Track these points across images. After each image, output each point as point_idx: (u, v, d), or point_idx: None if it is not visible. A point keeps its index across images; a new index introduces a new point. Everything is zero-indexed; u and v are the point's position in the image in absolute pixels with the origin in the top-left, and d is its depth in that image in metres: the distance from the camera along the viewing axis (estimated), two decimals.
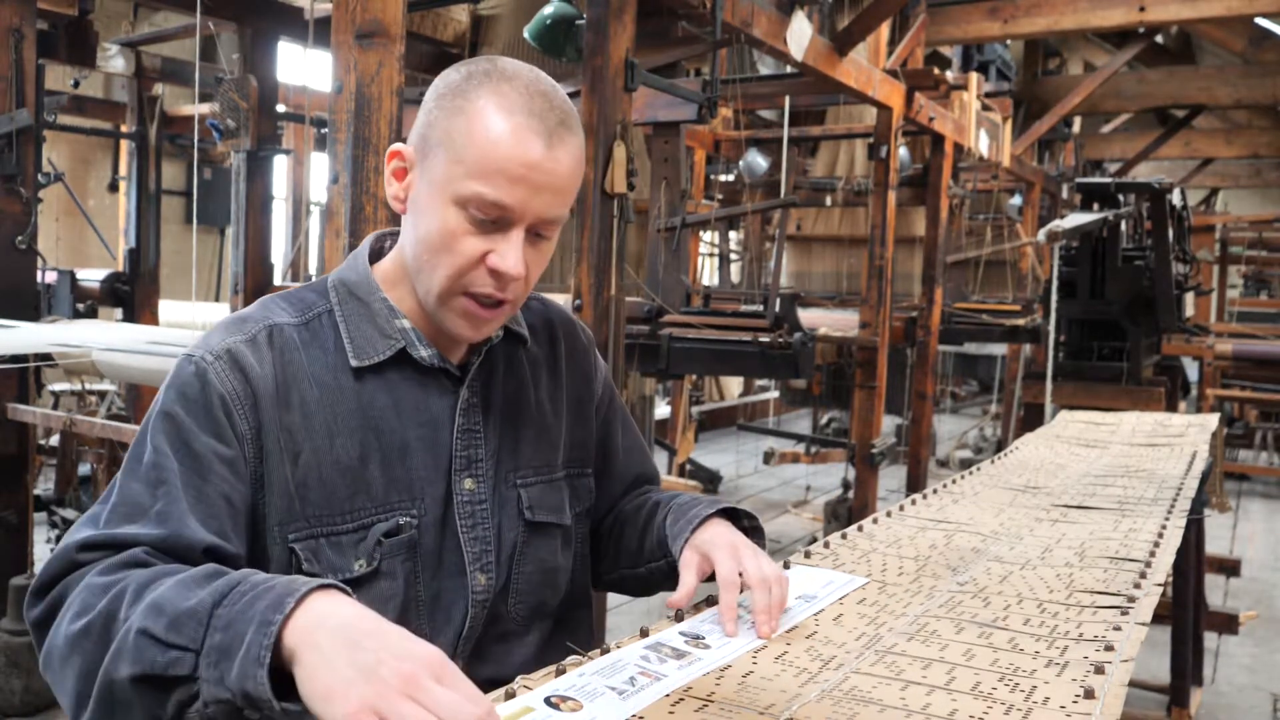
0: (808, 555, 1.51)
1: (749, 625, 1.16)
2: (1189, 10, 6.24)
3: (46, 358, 3.52)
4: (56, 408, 5.37)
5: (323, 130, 5.01)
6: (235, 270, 3.93)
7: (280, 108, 4.30)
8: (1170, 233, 4.70)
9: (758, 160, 6.02)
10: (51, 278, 4.61)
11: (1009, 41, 8.24)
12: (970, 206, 7.51)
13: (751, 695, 0.98)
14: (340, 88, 2.15)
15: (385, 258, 1.20)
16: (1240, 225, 10.87)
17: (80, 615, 0.92)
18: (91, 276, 4.88)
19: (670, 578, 1.26)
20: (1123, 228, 4.84)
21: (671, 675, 1.02)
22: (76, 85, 5.32)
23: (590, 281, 2.80)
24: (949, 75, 5.68)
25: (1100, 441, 2.81)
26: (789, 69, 4.50)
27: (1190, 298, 7.35)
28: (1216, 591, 5.00)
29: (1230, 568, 4.90)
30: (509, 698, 0.93)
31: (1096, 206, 4.77)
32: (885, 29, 5.59)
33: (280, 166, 5.97)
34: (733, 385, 11.01)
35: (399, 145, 1.13)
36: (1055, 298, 4.30)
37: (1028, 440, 2.83)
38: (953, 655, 1.11)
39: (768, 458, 6.68)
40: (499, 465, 1.20)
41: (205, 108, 4.56)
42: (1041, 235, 4.05)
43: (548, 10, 2.91)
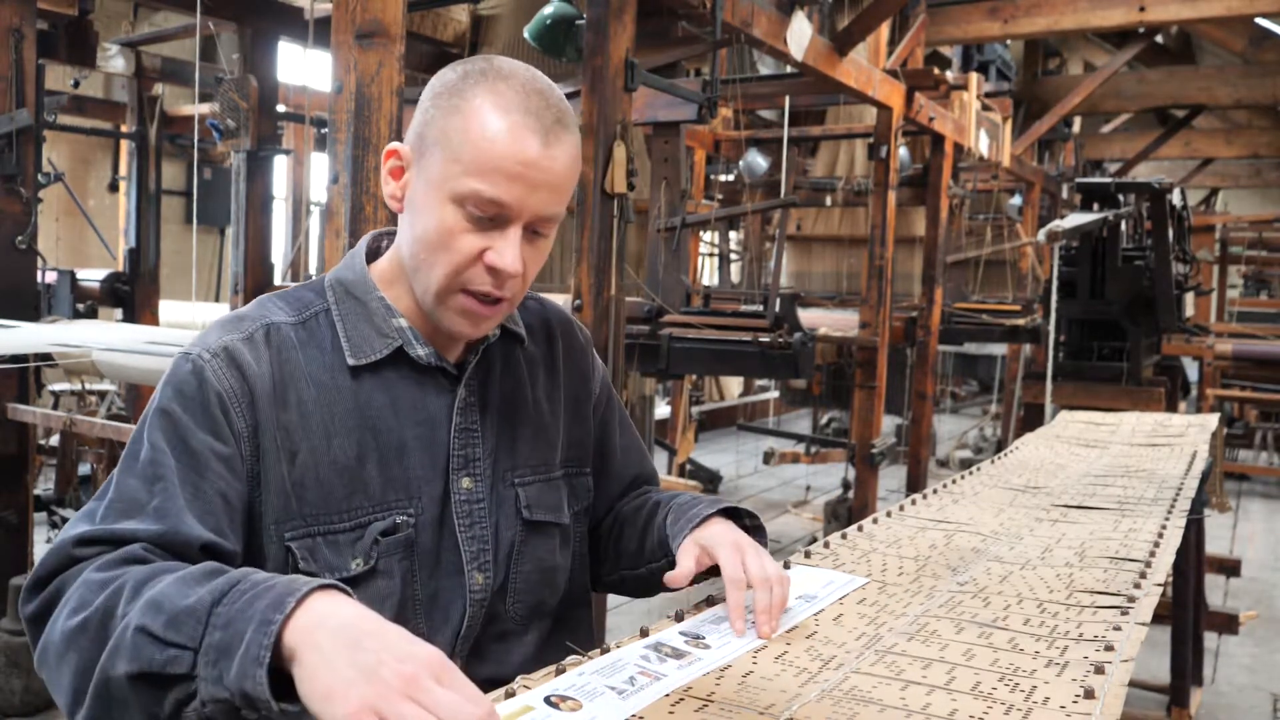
0: (808, 555, 1.51)
1: (749, 625, 1.15)
2: (1189, 10, 6.24)
3: (46, 358, 3.52)
4: (56, 408, 5.37)
5: (323, 130, 5.01)
6: (235, 270, 3.94)
7: (280, 108, 4.31)
8: (1170, 233, 4.70)
9: (758, 160, 6.02)
10: (51, 278, 4.61)
11: (1009, 41, 8.24)
12: (970, 206, 7.51)
13: (751, 695, 0.98)
14: (340, 88, 2.15)
15: (382, 257, 1.20)
16: (1240, 225, 10.87)
17: (77, 611, 0.91)
18: (91, 276, 4.89)
19: None
20: (1123, 228, 4.84)
21: (671, 675, 1.02)
22: (76, 85, 5.32)
23: (590, 281, 2.79)
24: (949, 75, 5.68)
25: (1100, 441, 2.81)
26: (789, 69, 4.50)
27: (1190, 298, 7.35)
28: (1216, 591, 5.00)
29: (1230, 568, 4.90)
30: (508, 697, 0.93)
31: (1096, 206, 4.77)
32: (885, 29, 5.59)
33: (280, 166, 5.96)
34: (733, 385, 11.00)
35: (395, 144, 1.13)
36: (1055, 298, 4.30)
37: (1028, 440, 2.83)
38: (953, 655, 1.11)
39: (768, 458, 6.68)
40: (496, 464, 1.20)
41: (205, 108, 4.57)
42: (1041, 235, 4.05)
43: (548, 10, 2.91)
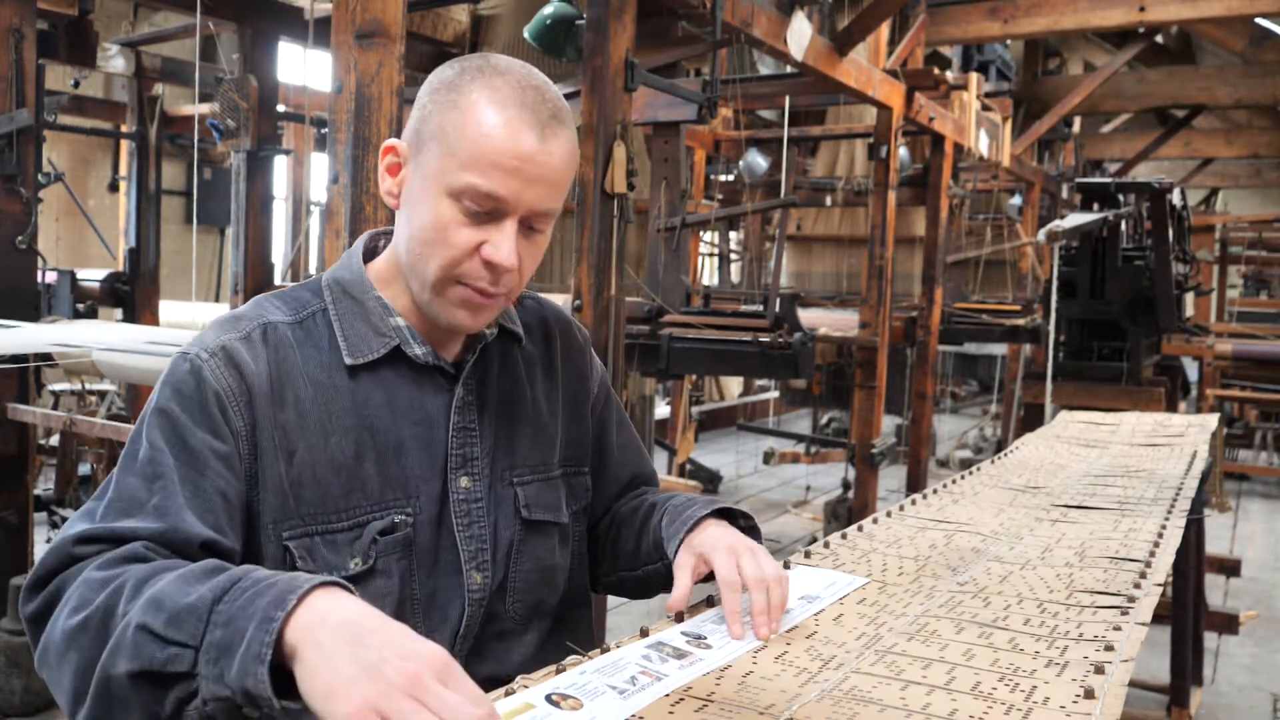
0: (808, 555, 1.51)
1: (749, 626, 1.15)
2: (1189, 10, 6.24)
3: (46, 358, 3.52)
4: (56, 408, 5.36)
5: (323, 130, 5.01)
6: (235, 270, 3.94)
7: (280, 108, 4.31)
8: (1170, 233, 4.70)
9: (758, 160, 6.02)
10: (51, 278, 4.61)
11: (1009, 41, 8.24)
12: (970, 206, 7.51)
13: (751, 695, 0.98)
14: (340, 88, 2.15)
15: (379, 256, 1.20)
16: (1240, 225, 10.86)
17: (78, 610, 0.91)
18: (91, 276, 4.88)
19: (668, 580, 1.25)
20: (1123, 228, 4.84)
21: (672, 675, 1.02)
22: (76, 85, 5.32)
23: (590, 281, 2.79)
24: (949, 75, 5.68)
25: (1100, 441, 2.81)
26: (789, 69, 4.50)
27: (1190, 298, 7.34)
28: (1216, 591, 5.00)
29: (1230, 568, 4.90)
30: (509, 695, 0.93)
31: (1096, 206, 4.77)
32: (885, 29, 5.59)
33: (280, 166, 5.96)
34: (733, 385, 11.00)
35: (393, 141, 1.13)
36: (1055, 298, 4.30)
37: (1028, 440, 2.83)
38: (953, 655, 1.11)
39: (768, 458, 6.67)
40: (495, 463, 1.20)
41: (205, 108, 4.57)
42: (1041, 235, 4.04)
43: (548, 10, 2.91)
